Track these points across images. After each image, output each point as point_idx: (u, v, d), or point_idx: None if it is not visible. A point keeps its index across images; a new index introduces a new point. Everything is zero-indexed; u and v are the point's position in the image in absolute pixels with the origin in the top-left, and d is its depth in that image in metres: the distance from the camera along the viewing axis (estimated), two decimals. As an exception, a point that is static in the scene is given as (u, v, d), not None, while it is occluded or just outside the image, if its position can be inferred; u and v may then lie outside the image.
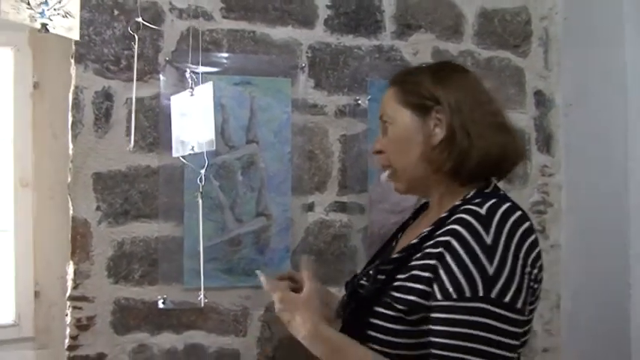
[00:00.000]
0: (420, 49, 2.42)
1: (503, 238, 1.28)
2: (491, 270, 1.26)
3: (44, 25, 1.45)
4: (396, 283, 1.38)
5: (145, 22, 2.02)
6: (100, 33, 2.09)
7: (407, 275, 1.37)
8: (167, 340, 2.16)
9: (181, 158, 1.83)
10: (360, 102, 2.33)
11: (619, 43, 2.29)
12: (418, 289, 1.33)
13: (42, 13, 1.43)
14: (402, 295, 1.35)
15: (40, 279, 2.39)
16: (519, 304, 1.27)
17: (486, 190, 1.45)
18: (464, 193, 1.45)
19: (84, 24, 2.05)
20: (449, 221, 1.36)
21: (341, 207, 2.32)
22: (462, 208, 1.36)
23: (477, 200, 1.36)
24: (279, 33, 2.27)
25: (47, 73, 2.36)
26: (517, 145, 1.49)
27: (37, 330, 2.39)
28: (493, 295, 1.25)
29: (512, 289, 1.26)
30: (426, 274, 1.32)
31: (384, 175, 1.59)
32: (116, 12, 2.10)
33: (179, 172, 2.14)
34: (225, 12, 2.21)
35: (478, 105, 1.46)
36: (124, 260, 2.12)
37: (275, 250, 2.23)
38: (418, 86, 1.49)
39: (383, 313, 1.37)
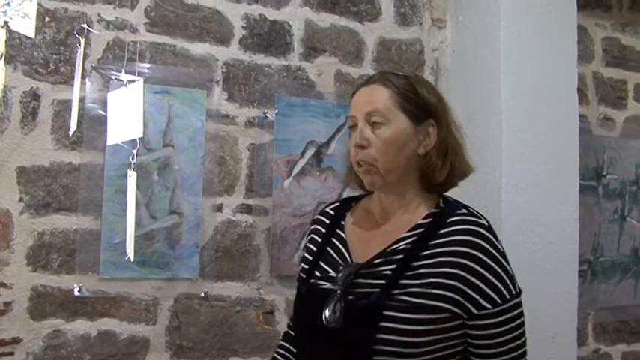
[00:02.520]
0: (324, 71, 2.66)
1: (500, 241, 1.52)
2: (510, 269, 1.49)
3: (6, 23, 1.62)
4: (407, 289, 1.45)
5: (89, 29, 2.18)
6: (31, 37, 2.23)
7: (421, 282, 1.45)
8: (81, 326, 2.27)
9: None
10: (268, 115, 2.54)
11: (496, 74, 2.58)
12: (444, 295, 1.44)
13: (5, 13, 1.60)
14: (420, 300, 1.43)
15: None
16: None
17: (449, 197, 1.62)
18: (431, 200, 1.58)
19: (15, 29, 2.20)
20: (447, 230, 1.49)
21: (247, 209, 2.50)
22: (460, 219, 1.50)
23: (463, 210, 1.53)
24: (198, 48, 2.47)
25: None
26: (471, 168, 1.63)
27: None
28: (517, 289, 1.50)
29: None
30: (452, 282, 1.44)
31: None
32: (47, 19, 2.26)
33: (99, 169, 2.29)
34: (149, 26, 2.39)
35: (455, 122, 1.62)
36: (43, 250, 2.23)
37: (185, 245, 2.39)
38: (416, 94, 1.55)
39: (395, 316, 1.43)
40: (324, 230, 1.70)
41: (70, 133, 2.08)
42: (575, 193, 2.65)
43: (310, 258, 1.67)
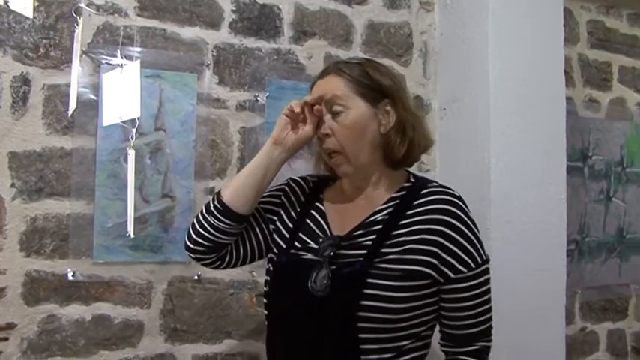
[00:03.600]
0: (314, 54, 2.67)
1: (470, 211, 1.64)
2: (479, 237, 1.62)
3: (6, 2, 1.62)
4: (387, 257, 1.54)
5: (86, 8, 2.18)
6: (20, 22, 2.22)
7: (400, 249, 1.55)
8: (75, 311, 2.28)
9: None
10: (258, 98, 2.54)
11: (484, 56, 2.61)
12: (422, 260, 1.55)
13: (4, -8, 1.60)
14: (400, 266, 1.53)
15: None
16: None
17: (416, 173, 1.75)
18: (399, 175, 1.71)
19: (4, 12, 2.18)
20: (421, 201, 1.61)
21: (239, 192, 2.52)
22: (434, 190, 1.64)
23: (433, 183, 1.68)
24: (188, 32, 2.46)
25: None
26: (431, 141, 1.75)
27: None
28: (486, 256, 1.63)
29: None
30: (429, 248, 1.55)
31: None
32: (37, 3, 2.23)
33: (91, 154, 2.29)
34: (139, 10, 2.38)
35: (409, 100, 1.71)
36: (36, 235, 2.23)
37: (178, 229, 2.39)
38: (369, 79, 1.64)
39: (377, 283, 1.52)
40: (302, 199, 1.79)
41: (70, 112, 2.07)
42: (562, 173, 2.69)
43: (291, 227, 1.74)
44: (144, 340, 2.37)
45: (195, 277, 2.43)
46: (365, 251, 1.56)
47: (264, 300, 1.75)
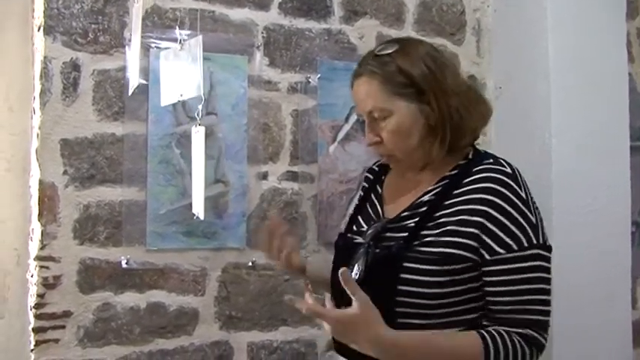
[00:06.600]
0: (365, 34, 2.61)
1: (528, 190, 1.49)
2: (533, 219, 1.45)
3: None
4: (426, 239, 1.46)
5: None
6: (69, 7, 2.19)
7: (440, 231, 1.46)
8: (130, 299, 2.26)
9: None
10: (310, 80, 2.50)
11: (542, 32, 2.53)
12: (461, 242, 1.44)
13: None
14: (438, 249, 1.44)
15: (-5, 251, 2.46)
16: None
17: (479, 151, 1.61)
18: (460, 154, 1.57)
19: (53, -2, 2.17)
20: (470, 179, 1.49)
21: (293, 176, 2.47)
22: (484, 167, 1.50)
23: (490, 160, 1.53)
24: (237, 14, 2.41)
25: (3, 48, 2.42)
26: (490, 109, 1.63)
27: (-8, 300, 2.45)
28: (541, 240, 1.45)
29: (545, 233, 1.48)
30: (469, 230, 1.43)
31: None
32: (85, -13, 2.22)
33: (143, 139, 2.26)
34: (188, -8, 2.34)
35: (453, 78, 1.57)
36: (89, 222, 2.21)
37: (232, 214, 2.36)
38: (402, 74, 1.52)
39: (414, 267, 1.44)
40: (367, 186, 1.76)
41: (130, 91, 2.07)
42: (626, 152, 2.61)
43: (352, 213, 1.73)
44: (199, 328, 2.34)
45: (250, 263, 2.39)
46: (406, 234, 1.50)
47: None
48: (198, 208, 1.87)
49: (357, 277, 1.49)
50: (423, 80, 1.52)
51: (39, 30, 2.19)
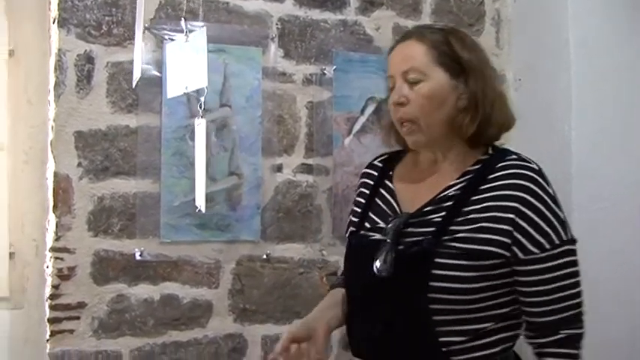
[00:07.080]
0: (381, 25, 2.58)
1: (553, 187, 1.49)
2: (561, 215, 1.47)
3: None
4: (457, 235, 1.45)
5: None
6: (82, -1, 2.21)
7: (471, 227, 1.45)
8: (144, 290, 2.26)
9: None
10: (325, 72, 2.47)
11: (563, 23, 2.49)
12: (493, 239, 1.43)
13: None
14: (470, 245, 1.43)
15: (15, 241, 2.48)
16: None
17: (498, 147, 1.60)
18: (480, 150, 1.56)
19: (68, -10, 2.17)
20: (496, 175, 1.48)
21: (307, 169, 2.46)
22: (510, 163, 1.50)
23: (513, 156, 1.53)
24: (252, 5, 2.40)
25: (22, 41, 2.44)
26: (514, 119, 1.62)
27: (11, 290, 2.47)
28: (569, 235, 1.48)
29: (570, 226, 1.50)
30: (501, 226, 1.43)
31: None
32: (98, -21, 2.21)
33: (156, 131, 2.25)
34: (201, -17, 2.33)
35: (493, 74, 1.60)
36: (103, 214, 2.22)
37: (246, 207, 2.35)
38: (452, 49, 1.53)
39: (446, 263, 1.43)
40: (372, 183, 1.71)
41: (134, 83, 2.06)
42: (648, 144, 2.55)
43: (359, 210, 1.69)
44: (212, 321, 2.34)
45: (264, 256, 2.39)
46: (433, 229, 1.48)
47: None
48: (200, 202, 1.86)
49: (382, 274, 1.47)
50: (468, 62, 1.53)
51: (54, 22, 2.19)
